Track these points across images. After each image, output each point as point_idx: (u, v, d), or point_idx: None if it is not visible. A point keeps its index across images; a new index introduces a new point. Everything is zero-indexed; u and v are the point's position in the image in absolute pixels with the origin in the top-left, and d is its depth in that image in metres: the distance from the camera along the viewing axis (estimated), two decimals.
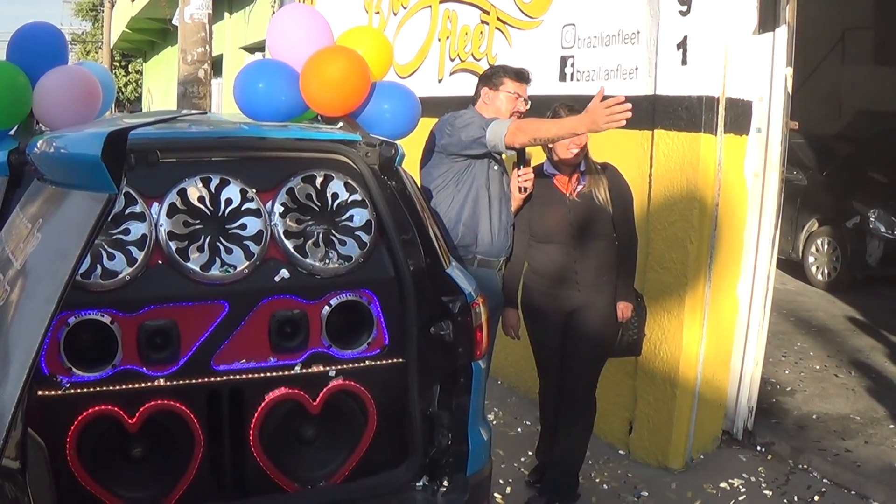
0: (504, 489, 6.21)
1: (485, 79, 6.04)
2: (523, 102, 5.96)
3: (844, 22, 16.03)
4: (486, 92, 5.92)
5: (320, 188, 4.32)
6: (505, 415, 7.60)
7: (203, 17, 11.13)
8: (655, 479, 6.46)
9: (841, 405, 7.83)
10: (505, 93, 5.91)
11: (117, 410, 3.85)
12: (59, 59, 4.88)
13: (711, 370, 6.60)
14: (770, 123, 6.50)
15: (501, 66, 6.20)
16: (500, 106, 5.92)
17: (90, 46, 51.72)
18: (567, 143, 5.62)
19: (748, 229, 6.62)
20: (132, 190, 3.92)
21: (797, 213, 12.82)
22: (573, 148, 5.63)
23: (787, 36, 6.39)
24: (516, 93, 5.92)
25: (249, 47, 19.14)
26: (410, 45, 9.83)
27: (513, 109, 5.93)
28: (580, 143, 5.64)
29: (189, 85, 11.25)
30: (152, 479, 4.00)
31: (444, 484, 4.35)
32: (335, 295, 4.26)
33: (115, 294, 3.87)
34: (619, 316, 5.74)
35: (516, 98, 5.92)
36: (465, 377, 4.39)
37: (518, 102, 5.93)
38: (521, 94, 5.95)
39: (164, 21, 25.45)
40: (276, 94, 5.03)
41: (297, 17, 5.33)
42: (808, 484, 6.36)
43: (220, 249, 4.07)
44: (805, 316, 10.92)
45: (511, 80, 5.93)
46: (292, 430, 4.25)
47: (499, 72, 6.03)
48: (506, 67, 6.10)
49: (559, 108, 5.68)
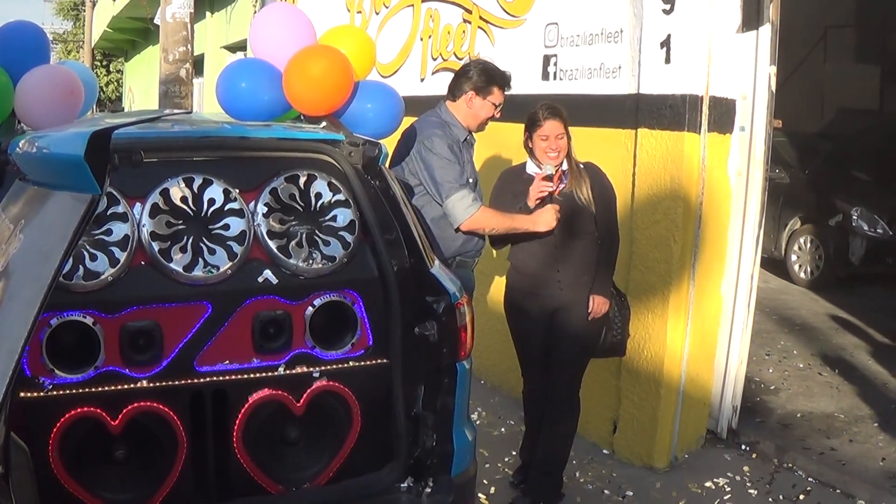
0: (488, 489, 6.20)
1: (475, 82, 5.96)
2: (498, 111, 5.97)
3: (826, 20, 16.07)
4: (474, 97, 5.88)
5: (304, 188, 4.30)
6: (488, 415, 7.59)
7: (184, 16, 11.10)
8: (640, 478, 6.46)
9: (825, 404, 7.85)
10: (490, 103, 5.89)
11: (100, 412, 3.83)
12: (41, 59, 4.86)
13: (696, 369, 6.60)
14: (754, 122, 6.51)
15: (492, 74, 6.02)
16: (479, 113, 5.92)
17: (71, 46, 51.56)
18: (544, 147, 5.61)
19: (732, 228, 6.61)
20: (114, 190, 3.91)
21: (780, 211, 12.86)
22: (550, 153, 5.62)
23: (770, 34, 6.39)
24: (499, 104, 5.92)
25: (231, 46, 19.09)
26: (393, 45, 9.81)
27: (488, 117, 5.93)
28: (558, 149, 5.62)
29: (171, 84, 11.22)
30: (135, 481, 3.98)
31: (429, 485, 4.33)
32: (319, 295, 4.25)
33: (98, 295, 3.85)
34: (592, 310, 5.69)
35: (496, 109, 5.92)
36: (450, 377, 4.37)
37: (496, 112, 5.94)
38: (502, 104, 5.95)
39: (145, 20, 25.41)
40: (259, 93, 5.00)
41: (279, 16, 5.31)
42: (793, 483, 6.36)
43: (203, 250, 4.05)
44: (788, 314, 10.95)
45: (499, 90, 5.91)
46: (276, 431, 4.23)
47: (492, 80, 5.94)
48: (497, 76, 6.00)
49: (540, 110, 5.67)
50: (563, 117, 5.66)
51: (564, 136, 5.66)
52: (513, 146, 7.30)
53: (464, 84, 5.94)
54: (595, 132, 5.70)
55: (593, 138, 5.86)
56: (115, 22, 31.07)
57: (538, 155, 5.68)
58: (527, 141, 5.76)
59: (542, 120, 5.63)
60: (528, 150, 5.79)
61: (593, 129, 5.81)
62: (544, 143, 5.63)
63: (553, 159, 5.63)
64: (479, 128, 6.02)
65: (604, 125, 6.56)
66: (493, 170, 7.44)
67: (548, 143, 5.61)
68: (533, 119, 5.68)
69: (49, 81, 4.62)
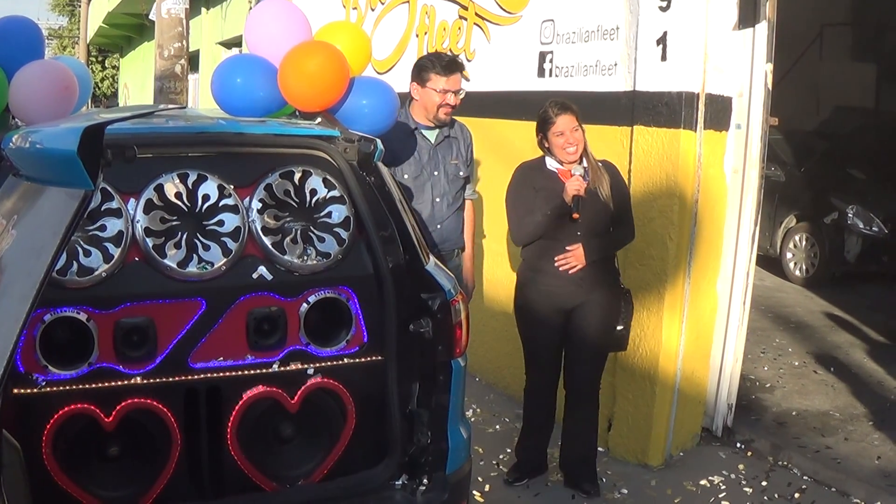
0: (483, 487, 6.19)
1: (414, 71, 6.05)
2: (453, 96, 5.97)
3: (822, 18, 16.06)
4: (415, 87, 5.97)
5: (298, 184, 4.29)
6: (483, 412, 7.57)
7: (180, 12, 11.11)
8: (635, 476, 6.45)
9: (820, 402, 7.85)
10: (432, 90, 5.91)
11: (93, 409, 3.81)
12: (36, 54, 4.84)
13: (691, 367, 6.60)
14: (750, 119, 6.50)
15: (430, 59, 6.15)
16: (427, 103, 5.95)
17: (66, 41, 51.55)
18: (562, 143, 5.59)
19: (728, 226, 6.61)
20: (108, 185, 3.88)
21: (775, 209, 12.87)
22: (568, 147, 5.59)
23: (767, 32, 6.38)
24: (443, 89, 5.93)
25: (226, 42, 19.08)
26: (388, 41, 9.79)
27: (441, 104, 5.94)
28: (575, 142, 5.60)
29: (166, 80, 11.22)
30: (129, 479, 3.96)
31: (424, 482, 4.33)
32: (313, 292, 4.23)
33: (91, 291, 3.83)
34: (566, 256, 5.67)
35: (444, 94, 5.92)
36: (445, 375, 4.36)
37: (447, 97, 5.94)
38: (451, 89, 5.95)
39: (140, 16, 25.40)
40: (254, 89, 4.99)
41: (275, 12, 5.28)
42: (789, 481, 6.36)
43: (198, 246, 4.03)
44: (783, 312, 10.95)
45: (439, 76, 5.93)
46: (270, 428, 4.22)
47: (426, 66, 6.03)
48: (434, 60, 6.09)
49: (549, 108, 5.65)
50: (574, 111, 5.67)
51: (579, 129, 5.65)
52: (506, 142, 7.32)
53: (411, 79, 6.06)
54: (591, 129, 5.69)
55: (589, 135, 5.84)
56: (111, 18, 31.06)
57: (556, 152, 5.67)
58: (542, 141, 5.74)
59: (553, 117, 5.61)
60: (545, 150, 5.76)
61: (589, 127, 5.80)
62: (560, 139, 5.61)
63: (572, 154, 5.61)
64: (438, 116, 6.08)
65: (600, 122, 6.54)
66: (492, 165, 7.45)
67: (564, 139, 5.59)
68: (544, 118, 5.66)
69: (43, 77, 4.61)
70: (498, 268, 7.96)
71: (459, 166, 6.21)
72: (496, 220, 7.69)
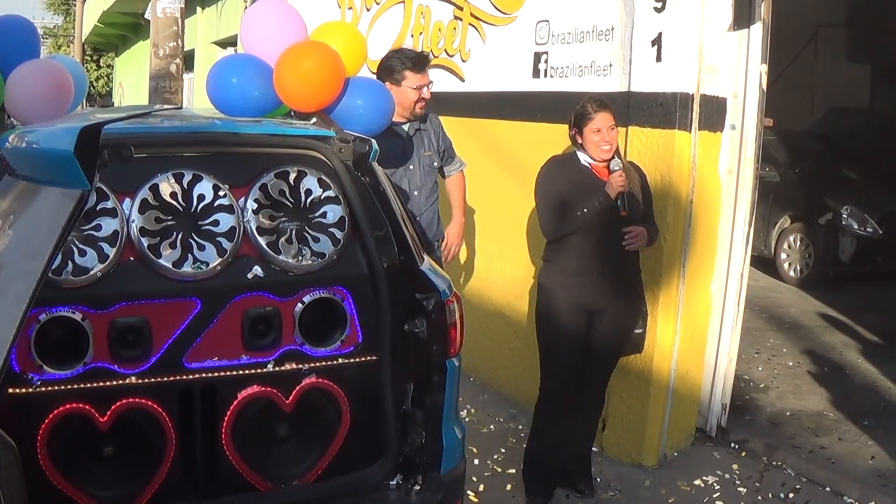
0: (477, 487, 6.19)
1: (385, 72, 6.11)
2: (426, 89, 6.01)
3: (817, 18, 16.09)
4: (390, 87, 5.94)
5: (294, 184, 4.29)
6: (478, 412, 7.57)
7: (175, 11, 11.11)
8: (629, 476, 6.46)
9: (814, 402, 7.86)
10: (408, 88, 5.97)
11: (88, 409, 3.81)
12: (31, 53, 4.85)
13: (685, 367, 6.60)
14: (744, 120, 6.50)
15: (399, 57, 6.24)
16: (403, 101, 6.01)
17: (62, 40, 51.49)
18: (597, 141, 5.54)
19: (722, 226, 6.62)
20: (104, 185, 3.88)
21: (769, 209, 12.90)
22: (603, 145, 5.54)
23: (761, 33, 6.39)
24: (419, 85, 5.98)
25: (221, 42, 19.07)
26: (384, 41, 9.78)
27: (416, 100, 5.99)
28: (611, 141, 5.57)
29: (161, 79, 11.23)
30: (124, 478, 3.96)
31: (418, 482, 4.32)
32: (308, 292, 4.23)
33: (87, 291, 3.83)
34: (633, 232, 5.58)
35: (419, 90, 5.96)
36: (439, 375, 4.35)
37: (423, 91, 5.98)
38: (425, 83, 6.00)
39: (135, 15, 25.42)
40: (250, 89, 4.99)
41: (270, 12, 5.29)
42: (783, 481, 6.37)
43: (193, 246, 4.03)
44: (777, 312, 10.96)
45: (413, 73, 6.00)
46: (265, 428, 4.21)
47: (396, 66, 6.11)
48: (403, 57, 6.18)
49: (588, 103, 5.59)
50: (611, 109, 5.62)
51: (616, 128, 5.62)
52: (501, 142, 7.32)
53: (380, 77, 6.17)
54: None
55: None
56: (106, 17, 31.03)
57: (590, 149, 5.58)
58: (575, 136, 5.64)
59: (592, 113, 5.52)
60: (578, 146, 5.69)
61: None
62: (597, 136, 5.53)
63: (606, 152, 5.55)
64: (415, 112, 6.20)
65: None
66: (486, 166, 7.44)
67: (601, 136, 5.52)
68: (582, 113, 5.56)
69: (39, 76, 4.61)
70: (492, 268, 7.97)
71: (433, 157, 6.30)
72: (491, 220, 7.71)
